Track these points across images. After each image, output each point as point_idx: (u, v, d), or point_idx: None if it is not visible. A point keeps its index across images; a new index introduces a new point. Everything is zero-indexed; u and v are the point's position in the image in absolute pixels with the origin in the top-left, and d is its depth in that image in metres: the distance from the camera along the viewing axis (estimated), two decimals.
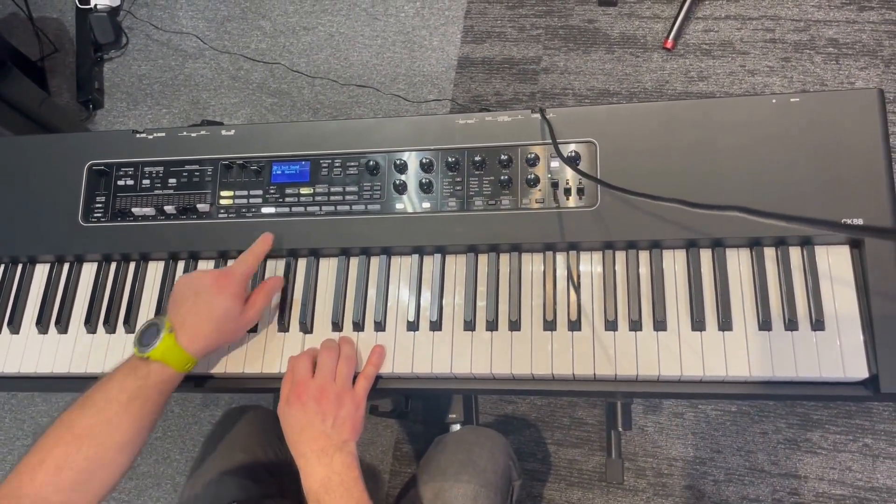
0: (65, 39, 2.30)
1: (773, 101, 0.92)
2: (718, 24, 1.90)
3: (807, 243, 0.90)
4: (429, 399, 1.64)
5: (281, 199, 1.02)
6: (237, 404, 1.63)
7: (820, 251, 0.89)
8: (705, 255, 0.92)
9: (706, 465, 1.59)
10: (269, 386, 0.99)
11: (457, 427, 1.52)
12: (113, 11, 2.20)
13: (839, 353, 0.85)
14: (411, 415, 1.70)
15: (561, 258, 0.96)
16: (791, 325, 0.87)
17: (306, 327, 0.99)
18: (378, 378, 0.97)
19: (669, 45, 1.89)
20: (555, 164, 0.96)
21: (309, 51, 2.13)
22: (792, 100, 0.92)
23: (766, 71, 1.84)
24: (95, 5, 2.16)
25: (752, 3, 1.91)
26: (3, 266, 1.10)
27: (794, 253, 0.90)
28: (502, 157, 0.98)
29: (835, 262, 0.89)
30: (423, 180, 0.99)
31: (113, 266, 1.07)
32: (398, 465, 1.70)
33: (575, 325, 0.92)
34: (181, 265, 1.05)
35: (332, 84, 2.07)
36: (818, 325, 0.86)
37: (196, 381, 1.01)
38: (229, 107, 2.12)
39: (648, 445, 1.62)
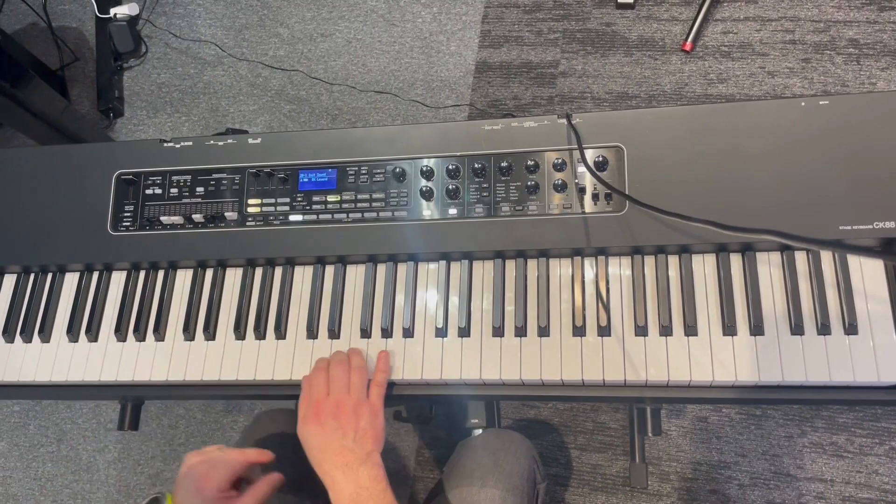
0: (84, 48, 2.32)
1: (802, 104, 0.92)
2: (737, 26, 1.90)
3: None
4: (451, 404, 1.64)
5: (308, 207, 1.02)
6: (259, 410, 1.64)
7: (852, 256, 0.89)
8: (735, 260, 0.92)
9: (731, 469, 1.58)
10: (299, 393, 0.99)
11: (479, 432, 1.52)
12: (132, 20, 2.21)
13: (873, 357, 0.85)
14: (433, 419, 1.71)
15: (589, 263, 0.96)
16: (823, 329, 0.87)
17: (335, 333, 0.99)
18: (407, 385, 0.97)
19: (688, 47, 1.89)
20: (582, 168, 0.96)
21: (327, 57, 2.13)
22: (821, 102, 0.91)
23: (787, 72, 1.83)
24: (115, 14, 2.18)
25: (772, 4, 1.90)
26: (33, 275, 1.11)
27: (826, 257, 0.90)
28: (529, 162, 0.98)
29: (867, 264, 0.89)
30: (450, 186, 0.99)
31: (142, 274, 1.08)
32: (421, 469, 1.70)
33: (605, 331, 0.92)
34: (209, 273, 1.06)
35: (350, 90, 2.08)
36: (851, 329, 0.86)
37: (226, 388, 1.01)
38: (248, 114, 2.13)
39: (672, 450, 1.61)
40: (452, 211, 0.99)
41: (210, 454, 0.94)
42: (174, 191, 1.06)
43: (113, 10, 2.18)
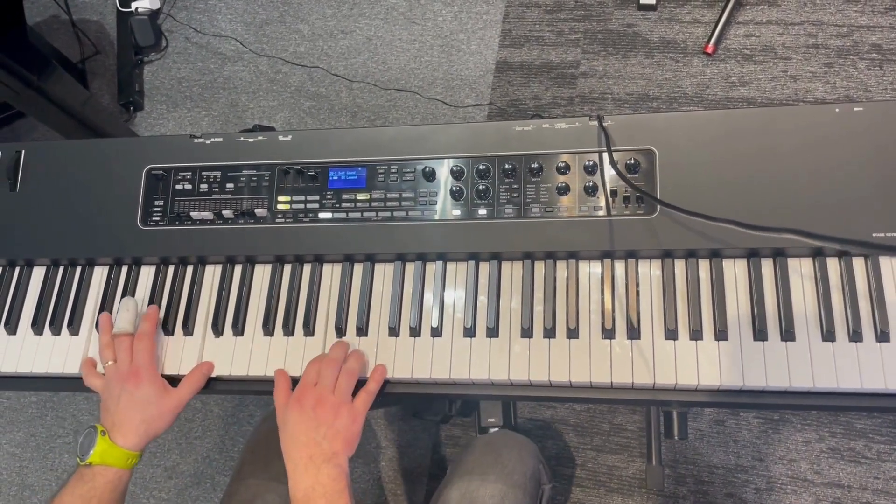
0: (105, 42, 2.33)
1: (837, 109, 0.92)
2: (760, 29, 1.89)
3: (871, 254, 0.89)
4: (468, 402, 1.64)
5: (338, 205, 1.03)
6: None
7: (884, 262, 0.89)
8: (766, 265, 0.92)
9: (748, 473, 1.58)
10: None
11: (495, 431, 1.52)
12: (153, 14, 2.22)
13: None
14: (452, 418, 1.71)
15: (619, 266, 0.96)
16: (855, 336, 0.86)
17: (363, 332, 1.00)
18: (433, 384, 0.97)
19: (710, 49, 1.88)
20: (613, 171, 0.96)
21: (347, 54, 2.14)
22: (855, 109, 0.91)
23: (809, 76, 1.83)
24: (136, 8, 2.19)
25: (795, 8, 1.90)
26: (62, 268, 1.12)
27: (858, 263, 0.90)
28: (560, 164, 0.98)
29: None
30: (480, 187, 0.99)
31: (171, 269, 1.08)
32: (436, 468, 1.71)
33: (634, 334, 0.92)
34: (238, 269, 1.06)
35: (370, 88, 2.08)
36: (883, 336, 0.86)
37: (253, 384, 1.02)
38: (268, 110, 2.13)
39: (689, 452, 1.61)
40: (482, 211, 0.99)
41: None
42: (204, 186, 1.07)
43: (134, 4, 2.19)
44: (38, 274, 1.12)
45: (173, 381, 1.02)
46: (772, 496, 1.56)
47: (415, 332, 0.99)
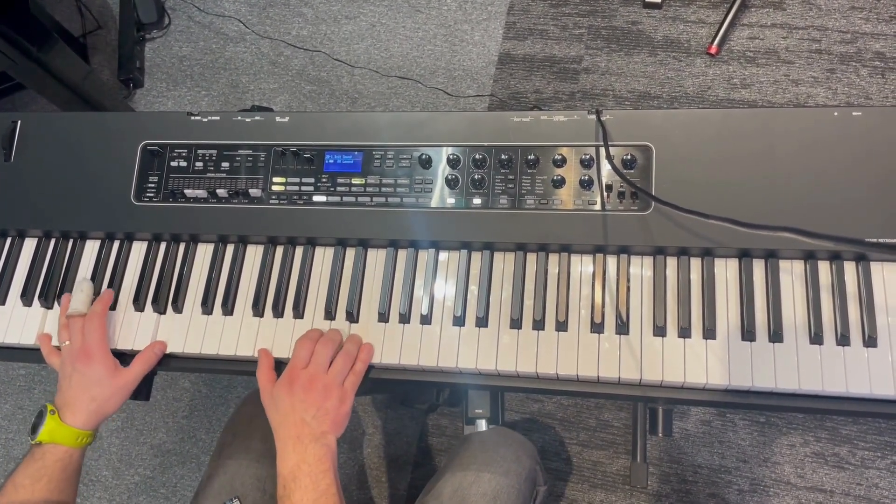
0: (107, 17, 2.32)
1: (835, 113, 0.92)
2: (764, 32, 1.89)
3: (862, 259, 0.90)
4: (456, 392, 1.64)
5: (333, 189, 1.02)
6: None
7: (875, 268, 0.89)
8: (758, 266, 0.92)
9: (731, 474, 1.59)
10: None
11: (482, 422, 1.52)
12: None
13: (891, 371, 0.85)
14: (439, 408, 1.71)
15: (611, 261, 0.96)
16: (843, 340, 0.87)
17: (353, 317, 1.00)
18: (420, 371, 0.97)
19: (713, 50, 1.88)
20: (609, 166, 0.96)
21: (350, 40, 2.13)
22: (854, 113, 0.91)
23: (811, 81, 1.83)
24: None
25: (800, 12, 1.89)
26: (53, 240, 1.11)
27: (849, 268, 0.90)
28: (556, 156, 0.98)
29: (890, 278, 0.89)
30: (476, 176, 0.99)
31: (163, 246, 1.08)
32: (422, 456, 1.71)
33: (623, 329, 0.92)
34: (230, 248, 1.06)
35: (371, 74, 2.07)
36: (871, 341, 0.86)
37: (241, 364, 1.02)
38: (268, 92, 2.12)
39: (674, 451, 1.62)
40: (477, 201, 0.99)
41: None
42: (199, 164, 1.06)
43: None
44: (29, 245, 1.12)
45: (168, 359, 1.03)
46: (754, 498, 1.57)
47: (404, 318, 0.98)
